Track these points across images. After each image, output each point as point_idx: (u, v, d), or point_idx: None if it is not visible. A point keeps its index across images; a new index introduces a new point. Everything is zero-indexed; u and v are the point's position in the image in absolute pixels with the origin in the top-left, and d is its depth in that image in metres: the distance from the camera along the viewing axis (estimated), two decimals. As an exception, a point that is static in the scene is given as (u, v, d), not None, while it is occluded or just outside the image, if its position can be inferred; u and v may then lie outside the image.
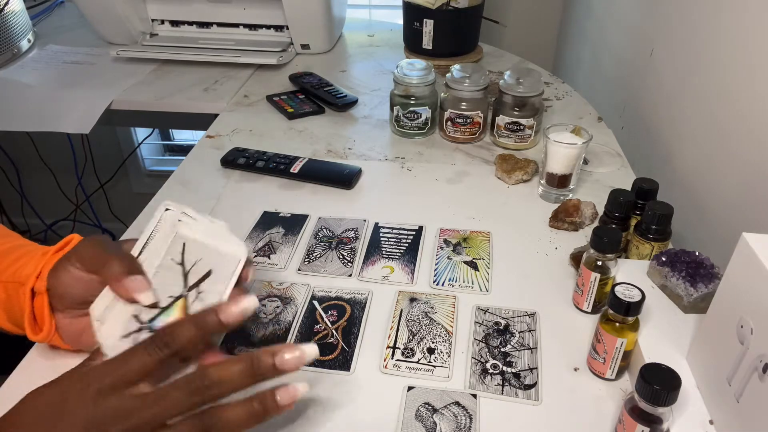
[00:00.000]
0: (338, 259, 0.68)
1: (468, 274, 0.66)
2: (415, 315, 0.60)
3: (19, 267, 0.51)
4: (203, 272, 0.45)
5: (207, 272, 0.45)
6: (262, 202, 0.78)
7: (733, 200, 0.71)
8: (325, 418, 0.51)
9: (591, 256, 0.57)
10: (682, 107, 0.85)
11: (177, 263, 0.46)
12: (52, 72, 1.16)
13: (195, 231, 0.49)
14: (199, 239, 0.48)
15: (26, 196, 1.90)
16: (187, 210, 0.50)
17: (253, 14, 1.22)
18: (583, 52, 1.38)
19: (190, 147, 0.92)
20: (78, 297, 0.49)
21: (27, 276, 0.49)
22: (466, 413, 0.50)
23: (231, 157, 0.85)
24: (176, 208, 0.50)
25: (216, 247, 0.45)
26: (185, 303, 0.45)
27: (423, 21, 1.10)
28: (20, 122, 1.08)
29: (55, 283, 0.49)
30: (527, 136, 0.88)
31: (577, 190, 0.79)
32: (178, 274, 0.46)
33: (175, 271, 0.46)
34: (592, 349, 0.53)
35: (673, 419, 0.44)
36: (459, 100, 0.89)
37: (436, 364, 0.55)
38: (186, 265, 0.46)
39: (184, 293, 0.45)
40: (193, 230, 0.49)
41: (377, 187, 0.82)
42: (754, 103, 0.67)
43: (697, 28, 0.81)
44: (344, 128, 0.97)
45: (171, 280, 0.46)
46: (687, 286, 0.55)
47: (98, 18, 1.22)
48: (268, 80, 1.13)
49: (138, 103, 1.07)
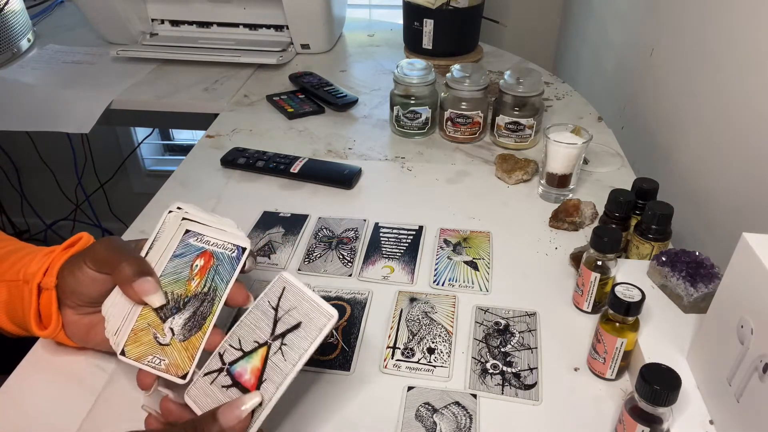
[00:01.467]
0: (338, 259, 0.68)
1: (468, 274, 0.66)
2: (415, 315, 0.60)
3: (22, 266, 0.51)
4: (293, 323, 0.44)
5: (296, 324, 0.43)
6: (262, 202, 0.78)
7: (733, 200, 0.71)
8: (325, 418, 0.51)
9: (591, 256, 0.57)
10: (682, 107, 0.84)
11: (272, 307, 0.45)
12: (52, 72, 1.16)
13: (201, 225, 0.51)
14: (208, 233, 0.50)
15: (26, 196, 1.90)
16: (191, 207, 0.52)
17: (253, 14, 1.22)
18: (583, 52, 1.38)
19: (190, 147, 0.92)
20: (90, 296, 0.50)
21: (32, 273, 0.50)
22: (466, 413, 0.50)
23: (231, 157, 0.85)
24: (184, 207, 0.51)
25: (310, 297, 0.44)
26: (267, 351, 0.43)
27: (423, 21, 1.10)
28: (20, 122, 1.08)
29: (67, 280, 0.49)
30: (527, 136, 0.88)
31: (577, 190, 0.79)
32: (270, 320, 0.45)
33: (268, 315, 0.45)
34: (592, 349, 0.53)
35: (673, 419, 0.44)
36: (459, 99, 0.89)
37: (436, 364, 0.55)
38: (279, 311, 0.45)
39: (269, 341, 0.44)
40: (199, 225, 0.51)
41: (377, 187, 0.82)
42: (754, 103, 0.67)
43: (697, 28, 0.81)
44: (344, 128, 0.97)
45: (262, 324, 0.45)
46: (687, 286, 0.55)
47: (98, 18, 1.22)
48: (268, 80, 1.13)
49: (138, 102, 1.07)
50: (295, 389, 0.53)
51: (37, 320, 0.50)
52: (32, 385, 0.53)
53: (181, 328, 0.47)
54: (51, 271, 0.50)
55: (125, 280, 0.47)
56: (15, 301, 0.51)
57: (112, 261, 0.48)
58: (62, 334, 0.51)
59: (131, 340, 0.47)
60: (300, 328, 0.43)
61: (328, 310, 0.43)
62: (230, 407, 0.41)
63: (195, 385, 0.45)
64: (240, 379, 0.43)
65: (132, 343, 0.47)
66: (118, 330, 0.48)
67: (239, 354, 0.44)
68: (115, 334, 0.48)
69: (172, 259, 0.49)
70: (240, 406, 0.41)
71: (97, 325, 0.50)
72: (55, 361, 0.55)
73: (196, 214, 0.52)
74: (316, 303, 0.43)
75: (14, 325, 0.52)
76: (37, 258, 0.51)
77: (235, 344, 0.45)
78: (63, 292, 0.50)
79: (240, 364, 0.44)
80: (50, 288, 0.49)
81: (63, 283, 0.49)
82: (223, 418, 0.40)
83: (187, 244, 0.50)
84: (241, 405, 0.41)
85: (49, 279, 0.49)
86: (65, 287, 0.49)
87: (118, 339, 0.48)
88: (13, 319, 0.52)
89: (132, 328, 0.48)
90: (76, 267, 0.49)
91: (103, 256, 0.48)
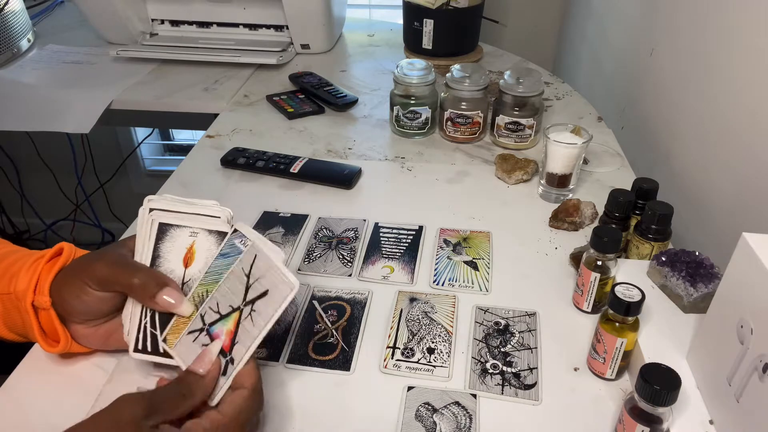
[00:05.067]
0: (338, 259, 0.68)
1: (468, 274, 0.66)
2: (415, 315, 0.60)
3: (11, 277, 0.50)
4: (261, 291, 0.46)
5: (264, 291, 0.46)
6: (262, 202, 0.78)
7: (733, 200, 0.71)
8: (325, 418, 0.51)
9: (591, 256, 0.57)
10: (682, 107, 0.84)
11: (245, 274, 0.48)
12: (52, 72, 1.16)
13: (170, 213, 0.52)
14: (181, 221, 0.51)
15: (26, 196, 1.90)
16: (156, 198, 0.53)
17: (253, 14, 1.22)
18: (583, 52, 1.38)
19: (190, 147, 0.92)
20: (102, 312, 0.50)
21: (23, 291, 0.49)
22: (466, 413, 0.50)
23: (231, 157, 0.85)
24: (154, 199, 0.53)
25: (277, 267, 0.46)
26: (239, 316, 0.47)
27: (423, 21, 1.10)
28: (20, 122, 1.08)
29: (72, 304, 0.48)
30: (527, 136, 0.88)
31: (577, 190, 0.79)
32: (242, 286, 0.47)
33: (241, 281, 0.48)
34: (592, 349, 0.53)
35: (673, 419, 0.44)
36: (459, 99, 0.89)
37: (436, 364, 0.55)
38: (251, 278, 0.47)
39: (242, 306, 0.47)
40: (167, 213, 0.52)
41: (377, 187, 0.82)
42: (754, 103, 0.67)
43: (697, 28, 0.81)
44: (344, 128, 0.97)
45: (236, 290, 0.48)
46: (687, 286, 0.55)
47: (98, 18, 1.22)
48: (268, 80, 1.13)
49: (138, 102, 1.07)
50: (296, 388, 0.53)
51: (43, 337, 0.50)
52: (32, 384, 0.53)
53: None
54: (41, 289, 0.49)
55: (146, 296, 0.48)
56: (11, 312, 0.50)
57: (119, 279, 0.48)
58: (74, 345, 0.51)
59: (173, 330, 0.49)
60: (267, 296, 0.46)
61: (291, 281, 0.45)
62: (199, 360, 0.45)
63: (180, 342, 0.48)
64: (217, 338, 0.47)
65: (173, 333, 0.49)
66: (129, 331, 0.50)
67: (217, 316, 0.48)
68: (128, 334, 0.50)
69: (217, 258, 0.50)
70: (206, 356, 0.46)
71: (115, 332, 0.51)
72: (55, 360, 0.55)
73: (162, 205, 0.52)
74: (282, 272, 0.46)
75: (14, 334, 0.52)
76: (23, 270, 0.49)
77: (214, 307, 0.48)
78: (68, 313, 0.49)
79: (217, 326, 0.47)
80: (46, 308, 0.48)
81: (65, 305, 0.48)
82: (198, 367, 0.45)
83: (232, 245, 0.50)
84: (206, 354, 0.46)
85: (41, 298, 0.48)
86: (69, 309, 0.49)
87: (129, 339, 0.50)
88: (12, 329, 0.51)
89: (176, 320, 0.49)
90: (80, 290, 0.48)
91: (105, 274, 0.48)
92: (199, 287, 0.49)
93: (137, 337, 0.49)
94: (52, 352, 0.51)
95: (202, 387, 0.44)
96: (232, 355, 0.46)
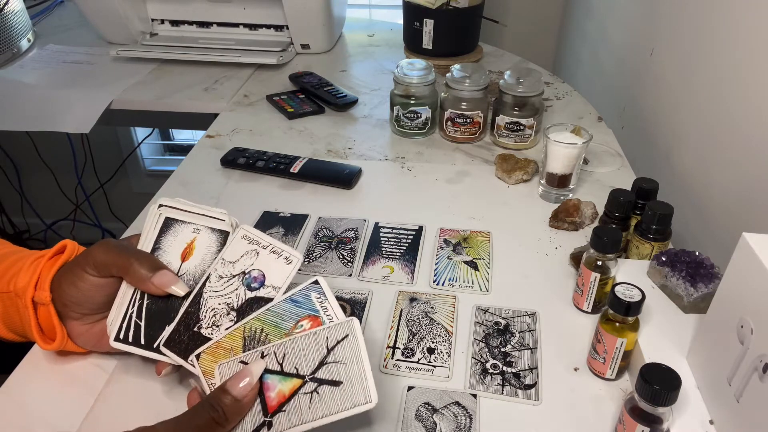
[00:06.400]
0: (338, 259, 0.68)
1: (468, 274, 0.66)
2: (415, 315, 0.60)
3: (12, 276, 0.50)
4: (335, 378, 0.42)
5: (337, 381, 0.42)
6: (262, 202, 0.78)
7: (733, 200, 0.71)
8: (325, 418, 0.51)
9: (591, 256, 0.57)
10: (682, 107, 0.85)
11: (326, 347, 0.44)
12: (52, 72, 1.16)
13: (179, 211, 0.53)
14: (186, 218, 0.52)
15: (26, 196, 1.90)
16: (168, 201, 0.53)
17: (253, 14, 1.22)
18: (583, 52, 1.38)
19: (190, 147, 0.92)
20: (96, 302, 0.50)
21: (23, 288, 0.49)
22: (466, 413, 0.50)
23: (231, 157, 0.85)
24: (168, 201, 0.53)
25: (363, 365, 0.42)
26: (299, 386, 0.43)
27: (423, 21, 1.10)
28: (20, 122, 1.08)
29: (68, 292, 0.48)
30: (527, 136, 0.88)
31: (577, 190, 0.79)
32: (319, 357, 0.44)
33: (319, 351, 0.44)
34: (592, 349, 0.53)
35: (673, 419, 0.44)
36: (459, 99, 0.89)
37: (436, 364, 0.55)
38: (330, 356, 0.43)
39: (307, 378, 0.43)
40: (175, 210, 0.53)
41: (377, 187, 0.82)
42: (754, 103, 0.67)
43: (697, 28, 0.81)
44: (344, 128, 0.97)
45: (309, 356, 0.44)
46: (687, 286, 0.55)
47: (98, 18, 1.22)
48: (268, 80, 1.13)
49: (138, 102, 1.07)
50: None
51: (40, 334, 0.50)
52: (32, 384, 0.53)
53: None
54: (42, 284, 0.49)
55: (142, 278, 0.48)
56: (10, 312, 0.50)
57: (117, 263, 0.48)
58: (70, 344, 0.51)
59: (210, 353, 0.46)
60: (338, 388, 0.42)
61: (370, 392, 0.41)
62: (237, 378, 0.42)
63: (227, 364, 0.44)
64: (266, 391, 0.43)
65: (209, 355, 0.46)
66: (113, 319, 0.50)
67: (278, 368, 0.43)
68: (111, 323, 0.50)
69: (286, 301, 0.47)
70: (246, 376, 0.42)
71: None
72: (55, 360, 0.55)
73: (172, 204, 0.53)
74: (365, 376, 0.42)
75: (13, 333, 0.52)
76: (25, 268, 0.50)
77: (279, 357, 0.44)
78: (63, 305, 0.49)
79: (273, 377, 0.43)
80: (46, 303, 0.48)
81: (62, 295, 0.48)
82: (233, 388, 0.41)
83: (307, 296, 0.47)
84: (247, 375, 0.42)
85: (42, 293, 0.48)
86: (65, 299, 0.49)
87: (112, 328, 0.50)
88: (11, 328, 0.52)
89: (217, 341, 0.46)
90: (77, 277, 0.48)
91: (104, 259, 0.48)
92: (255, 321, 0.46)
93: (120, 326, 0.49)
94: (47, 349, 0.51)
95: (237, 412, 0.41)
96: (272, 419, 0.41)
